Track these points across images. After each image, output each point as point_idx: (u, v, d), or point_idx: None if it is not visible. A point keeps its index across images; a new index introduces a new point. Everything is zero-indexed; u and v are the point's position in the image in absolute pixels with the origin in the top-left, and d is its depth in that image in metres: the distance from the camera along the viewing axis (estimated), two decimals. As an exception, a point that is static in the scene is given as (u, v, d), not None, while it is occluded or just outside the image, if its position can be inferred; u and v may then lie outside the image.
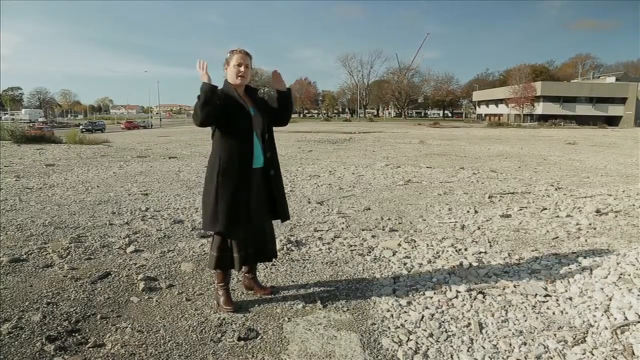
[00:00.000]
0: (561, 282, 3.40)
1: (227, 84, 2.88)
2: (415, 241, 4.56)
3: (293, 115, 3.50)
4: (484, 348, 2.51)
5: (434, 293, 3.23)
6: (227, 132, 2.79)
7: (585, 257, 3.94)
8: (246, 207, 2.81)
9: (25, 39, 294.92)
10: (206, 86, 2.67)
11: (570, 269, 3.68)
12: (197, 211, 5.86)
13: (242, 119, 2.81)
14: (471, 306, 3.03)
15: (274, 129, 3.06)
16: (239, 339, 2.60)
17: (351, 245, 4.42)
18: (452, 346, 2.54)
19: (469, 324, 2.79)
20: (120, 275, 3.58)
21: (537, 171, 10.67)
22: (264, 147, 2.89)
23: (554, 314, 2.93)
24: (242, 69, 2.83)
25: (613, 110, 62.13)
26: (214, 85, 2.70)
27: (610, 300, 3.01)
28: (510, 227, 5.22)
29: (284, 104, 3.01)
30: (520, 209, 6.15)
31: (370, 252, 4.24)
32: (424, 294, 3.22)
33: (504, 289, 3.31)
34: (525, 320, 2.83)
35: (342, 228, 5.15)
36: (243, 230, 2.86)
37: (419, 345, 2.54)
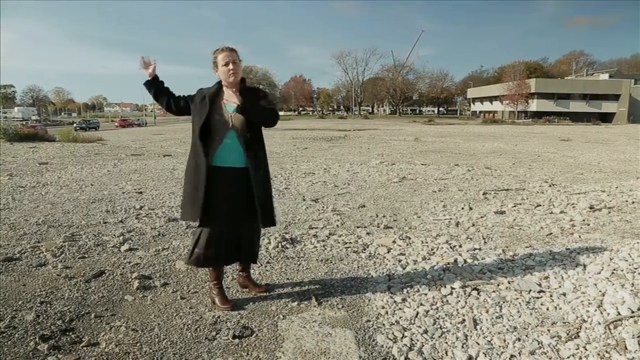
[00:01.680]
0: (555, 278, 3.42)
1: (218, 84, 2.86)
2: (409, 238, 4.57)
3: (288, 113, 3.48)
4: (479, 344, 2.52)
5: (429, 290, 3.24)
6: (195, 130, 2.80)
7: (578, 253, 3.96)
8: (207, 203, 2.73)
9: (18, 36, 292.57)
10: (148, 84, 2.96)
11: (564, 264, 3.70)
12: (191, 209, 5.84)
13: (213, 117, 2.75)
14: (466, 302, 3.04)
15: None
16: (234, 337, 2.59)
17: (346, 243, 4.42)
18: (446, 342, 2.55)
19: (464, 320, 2.80)
20: (115, 274, 3.57)
21: (531, 168, 10.72)
22: (244, 146, 2.78)
23: (547, 309, 2.94)
24: (231, 66, 2.77)
25: (606, 107, 62.41)
26: (153, 80, 2.96)
27: (604, 295, 3.03)
28: (505, 224, 5.24)
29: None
30: (515, 206, 6.18)
31: (365, 249, 4.25)
32: (418, 291, 3.23)
33: (498, 285, 3.32)
34: (520, 316, 2.84)
35: (337, 225, 5.15)
36: (212, 226, 2.79)
37: (413, 342, 2.55)
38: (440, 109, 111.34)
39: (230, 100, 2.81)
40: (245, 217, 2.87)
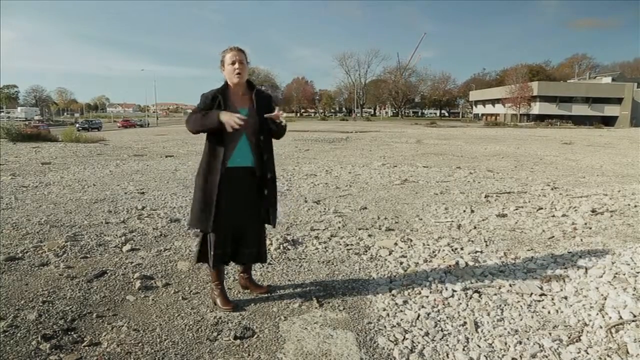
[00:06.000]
0: (557, 281, 3.41)
1: (226, 84, 2.85)
2: (411, 240, 4.57)
3: (290, 115, 3.46)
4: (480, 347, 2.52)
5: (430, 292, 3.24)
6: (213, 133, 2.76)
7: (580, 257, 3.95)
8: (217, 207, 2.74)
9: (20, 36, 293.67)
10: (217, 124, 2.64)
11: (565, 268, 3.69)
12: (193, 210, 5.85)
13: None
14: (467, 305, 3.04)
15: None
16: (235, 337, 2.60)
17: (347, 245, 4.42)
18: (447, 345, 2.55)
19: (465, 323, 2.80)
20: (117, 274, 3.57)
21: (533, 171, 10.70)
22: (255, 148, 2.84)
23: (549, 313, 2.94)
24: (237, 66, 2.77)
25: (609, 110, 62.36)
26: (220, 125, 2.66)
27: (605, 299, 3.02)
28: (506, 227, 5.23)
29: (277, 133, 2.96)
30: (517, 209, 6.17)
31: (366, 251, 4.25)
32: (420, 293, 3.23)
33: (499, 288, 3.32)
34: (521, 319, 2.84)
35: (339, 227, 5.15)
36: (220, 229, 2.80)
37: (414, 344, 2.55)
38: (443, 111, 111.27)
39: (242, 104, 2.82)
40: (250, 217, 2.91)
